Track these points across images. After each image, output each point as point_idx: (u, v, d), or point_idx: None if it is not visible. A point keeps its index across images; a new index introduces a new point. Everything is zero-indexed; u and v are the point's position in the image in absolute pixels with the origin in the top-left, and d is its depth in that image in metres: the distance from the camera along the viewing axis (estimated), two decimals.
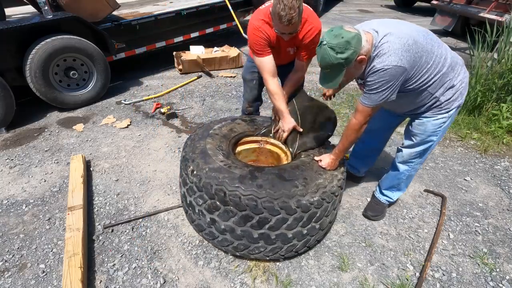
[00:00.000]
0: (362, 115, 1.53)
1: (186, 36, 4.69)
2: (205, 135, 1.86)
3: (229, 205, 1.50)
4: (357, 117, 1.55)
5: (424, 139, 1.72)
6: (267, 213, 1.47)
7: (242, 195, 1.46)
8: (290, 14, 1.55)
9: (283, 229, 1.53)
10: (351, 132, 1.61)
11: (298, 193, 1.50)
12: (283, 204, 1.47)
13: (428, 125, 1.68)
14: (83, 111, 3.46)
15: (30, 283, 1.67)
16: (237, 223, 1.54)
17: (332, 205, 1.66)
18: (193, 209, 1.69)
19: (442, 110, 1.63)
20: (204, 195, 1.57)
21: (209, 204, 1.57)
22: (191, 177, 1.62)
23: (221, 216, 1.56)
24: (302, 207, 1.50)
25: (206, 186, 1.54)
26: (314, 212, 1.55)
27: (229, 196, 1.48)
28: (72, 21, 3.25)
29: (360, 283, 1.68)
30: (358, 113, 1.54)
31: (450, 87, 1.56)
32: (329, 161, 1.68)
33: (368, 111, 1.51)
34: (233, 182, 1.50)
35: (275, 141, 2.03)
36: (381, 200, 2.09)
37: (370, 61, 1.43)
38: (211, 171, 1.57)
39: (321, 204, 1.55)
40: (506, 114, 2.99)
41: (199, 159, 1.65)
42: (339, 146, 1.66)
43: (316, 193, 1.54)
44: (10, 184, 2.37)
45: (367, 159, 2.26)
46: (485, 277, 1.72)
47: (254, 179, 1.51)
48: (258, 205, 1.46)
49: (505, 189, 2.39)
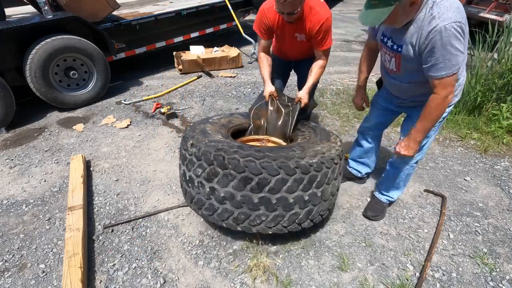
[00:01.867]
0: (441, 87, 1.37)
1: (186, 36, 4.69)
2: (204, 122, 1.94)
3: (227, 169, 1.51)
4: (437, 90, 1.39)
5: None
6: (266, 173, 1.47)
7: (241, 158, 1.48)
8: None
9: (284, 192, 1.52)
10: (433, 108, 1.44)
11: (296, 156, 1.52)
12: (281, 164, 1.48)
13: None
14: (83, 111, 3.46)
15: (30, 283, 1.67)
16: (236, 187, 1.53)
17: (333, 173, 1.65)
18: (192, 184, 1.68)
19: None
20: (203, 163, 1.58)
21: (208, 172, 1.57)
22: (190, 149, 1.64)
23: (220, 182, 1.55)
24: (301, 168, 1.50)
25: (205, 154, 1.56)
26: (314, 175, 1.55)
27: (228, 159, 1.50)
28: (72, 21, 3.25)
29: (360, 283, 1.68)
30: (436, 87, 1.39)
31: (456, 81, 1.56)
32: (406, 144, 1.57)
33: (450, 80, 1.35)
34: (231, 148, 1.54)
35: (276, 139, 2.06)
36: (381, 200, 2.10)
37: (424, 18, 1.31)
38: (211, 142, 1.62)
39: (320, 167, 1.55)
40: (506, 114, 2.98)
41: (199, 135, 1.71)
42: (419, 127, 1.51)
43: (315, 157, 1.56)
44: (10, 184, 2.37)
45: (367, 161, 2.26)
46: (485, 277, 1.72)
47: (252, 148, 1.57)
48: (257, 165, 1.47)
49: (505, 189, 2.38)
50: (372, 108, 2.05)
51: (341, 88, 4.11)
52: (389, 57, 1.57)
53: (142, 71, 4.55)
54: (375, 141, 2.15)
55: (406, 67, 1.51)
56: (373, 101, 2.04)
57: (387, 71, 1.69)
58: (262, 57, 2.16)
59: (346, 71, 4.75)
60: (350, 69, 4.84)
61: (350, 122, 3.28)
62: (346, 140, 3.00)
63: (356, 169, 2.33)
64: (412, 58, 1.44)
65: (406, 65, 1.51)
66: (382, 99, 1.94)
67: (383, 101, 1.94)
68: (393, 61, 1.56)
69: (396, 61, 1.54)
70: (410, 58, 1.45)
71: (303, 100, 2.02)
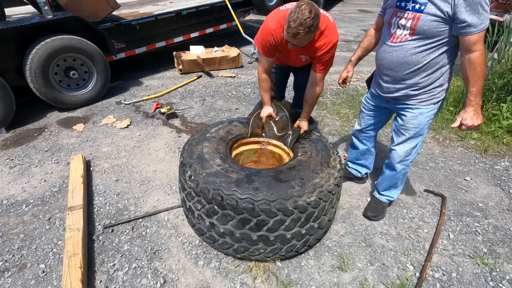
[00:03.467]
0: (479, 43, 1.38)
1: (186, 36, 4.69)
2: (202, 139, 1.87)
3: (226, 209, 1.50)
4: (477, 47, 1.39)
5: (417, 132, 1.73)
6: (265, 215, 1.47)
7: (239, 199, 1.47)
8: (297, 29, 1.50)
9: (282, 230, 1.54)
10: (479, 65, 1.42)
11: (295, 194, 1.50)
12: (280, 206, 1.47)
13: (421, 118, 1.69)
14: (83, 111, 3.46)
15: (30, 283, 1.67)
16: (235, 226, 1.54)
17: (330, 204, 1.66)
18: (192, 214, 1.70)
19: (433, 98, 1.64)
20: (202, 200, 1.57)
21: (207, 209, 1.57)
22: (189, 182, 1.63)
23: (220, 220, 1.56)
24: (299, 208, 1.50)
25: (204, 191, 1.54)
26: (311, 212, 1.55)
27: (226, 200, 1.48)
28: (72, 21, 3.25)
29: (360, 283, 1.68)
30: (476, 45, 1.39)
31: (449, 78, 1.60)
32: (472, 114, 1.51)
33: (482, 35, 1.38)
34: (230, 186, 1.50)
35: (276, 142, 2.04)
36: (381, 200, 2.10)
37: None
38: (208, 176, 1.57)
39: (318, 203, 1.55)
40: (506, 114, 2.98)
41: (196, 164, 1.66)
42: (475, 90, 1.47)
43: (313, 193, 1.53)
44: (10, 184, 2.37)
45: (364, 162, 2.27)
46: (485, 277, 1.72)
47: (251, 182, 1.52)
48: (255, 208, 1.46)
49: (505, 189, 2.38)
50: (361, 112, 2.06)
51: (341, 88, 4.11)
52: (405, 20, 1.51)
53: (142, 71, 4.55)
54: (370, 143, 2.15)
55: (423, 28, 1.46)
56: (362, 104, 2.04)
57: (392, 40, 1.62)
58: (264, 80, 2.01)
59: None
60: None
61: (350, 122, 3.28)
62: (346, 140, 3.00)
63: (355, 169, 2.34)
64: (434, 15, 1.40)
65: (423, 26, 1.45)
66: (370, 96, 1.95)
67: (371, 99, 1.94)
68: (408, 24, 1.50)
69: (413, 22, 1.48)
70: (432, 15, 1.41)
71: (303, 128, 1.98)
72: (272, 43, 1.80)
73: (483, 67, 1.44)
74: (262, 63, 1.96)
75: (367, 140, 2.13)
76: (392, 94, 1.74)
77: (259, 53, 1.96)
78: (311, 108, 2.02)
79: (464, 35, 1.39)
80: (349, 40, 6.35)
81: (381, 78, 1.77)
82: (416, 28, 1.48)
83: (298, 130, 1.99)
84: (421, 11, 1.44)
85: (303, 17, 1.47)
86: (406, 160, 1.86)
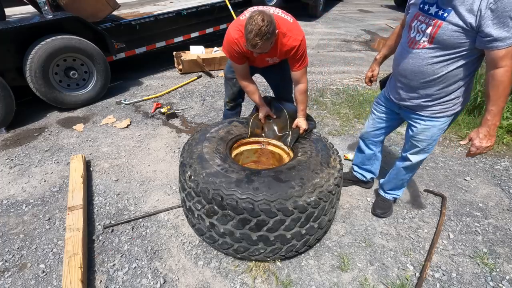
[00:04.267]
0: (507, 58, 1.26)
1: (186, 36, 4.69)
2: (202, 139, 1.86)
3: (226, 209, 1.50)
4: (503, 63, 1.28)
5: (430, 143, 1.70)
6: (265, 215, 1.47)
7: (239, 199, 1.47)
8: (255, 40, 1.54)
9: (282, 230, 1.54)
10: (503, 83, 1.31)
11: (295, 194, 1.49)
12: (280, 206, 1.47)
13: (434, 130, 1.64)
14: (83, 111, 3.46)
15: (30, 283, 1.67)
16: (235, 227, 1.54)
17: (330, 204, 1.66)
18: (192, 214, 1.70)
19: (448, 111, 1.57)
20: (202, 200, 1.57)
21: (207, 209, 1.57)
22: (189, 182, 1.63)
23: (220, 220, 1.56)
24: (299, 208, 1.50)
25: (204, 191, 1.54)
26: (311, 212, 1.55)
27: (226, 201, 1.48)
28: (72, 21, 3.25)
29: (360, 283, 1.68)
30: (502, 60, 1.27)
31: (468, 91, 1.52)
32: (484, 135, 1.40)
33: (510, 50, 1.25)
34: (230, 186, 1.50)
35: (276, 142, 2.03)
36: (387, 198, 2.11)
37: None
38: (208, 176, 1.57)
39: (318, 203, 1.55)
40: (506, 114, 2.99)
41: (196, 164, 1.66)
42: (494, 109, 1.36)
43: (313, 193, 1.53)
44: (10, 184, 2.37)
45: (370, 168, 2.23)
46: (485, 277, 1.72)
47: (251, 183, 1.52)
48: (255, 208, 1.46)
49: (505, 189, 2.38)
50: (371, 114, 2.01)
51: (341, 88, 4.11)
52: (425, 26, 1.42)
53: (142, 71, 4.55)
54: (377, 148, 2.11)
55: (443, 38, 1.37)
56: (372, 106, 1.99)
57: (410, 45, 1.53)
58: (246, 85, 2.05)
59: (346, 71, 4.75)
60: (350, 69, 4.84)
61: (350, 122, 3.28)
62: (345, 140, 3.00)
63: (361, 173, 2.30)
64: (457, 25, 1.31)
65: (443, 35, 1.36)
66: (382, 98, 1.90)
67: (383, 101, 1.89)
68: (428, 31, 1.41)
69: (433, 30, 1.38)
70: (455, 24, 1.31)
71: (301, 127, 1.97)
72: (238, 51, 1.83)
73: (508, 85, 1.31)
74: (237, 71, 2.01)
75: (373, 145, 2.09)
76: (404, 102, 1.68)
77: (231, 62, 1.97)
78: (304, 106, 2.01)
79: (490, 49, 1.28)
80: (349, 40, 6.35)
81: (395, 83, 1.70)
82: (436, 36, 1.38)
83: (297, 129, 1.99)
84: (443, 19, 1.34)
85: (257, 27, 1.51)
86: (417, 165, 1.85)
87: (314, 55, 5.40)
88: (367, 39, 6.51)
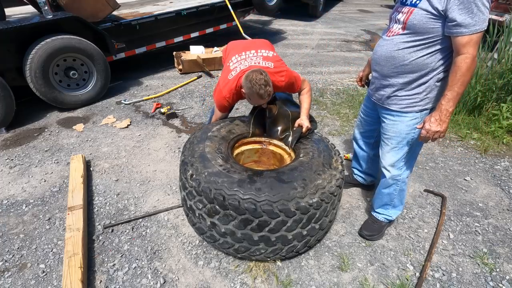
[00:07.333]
0: (470, 46, 1.29)
1: (186, 36, 4.69)
2: (204, 138, 1.85)
3: (228, 209, 1.50)
4: (465, 50, 1.30)
5: (400, 141, 1.65)
6: (267, 216, 1.47)
7: (241, 199, 1.46)
8: (267, 90, 1.71)
9: (283, 231, 1.53)
10: (461, 70, 1.32)
11: (297, 195, 1.49)
12: (282, 207, 1.46)
13: (401, 126, 1.60)
14: (83, 111, 3.46)
15: (30, 283, 1.67)
16: (237, 227, 1.54)
17: (332, 205, 1.66)
18: (193, 213, 1.69)
19: (415, 106, 1.54)
20: (204, 199, 1.57)
21: (208, 208, 1.57)
22: (190, 181, 1.62)
23: (221, 220, 1.56)
24: (301, 209, 1.50)
25: (205, 190, 1.53)
26: (313, 213, 1.55)
27: (228, 200, 1.48)
28: (72, 21, 3.25)
29: (360, 283, 1.68)
30: (464, 47, 1.30)
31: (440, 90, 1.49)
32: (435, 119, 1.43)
33: (474, 38, 1.28)
34: (232, 186, 1.50)
35: (278, 142, 2.03)
36: (379, 218, 1.95)
37: None
38: (210, 175, 1.56)
39: (320, 205, 1.55)
40: (506, 114, 2.99)
41: (198, 163, 1.65)
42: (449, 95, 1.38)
43: (315, 194, 1.53)
44: (10, 184, 2.37)
45: (368, 170, 2.21)
46: (485, 277, 1.72)
47: (253, 183, 1.51)
48: (257, 208, 1.45)
49: (505, 189, 2.39)
50: (358, 115, 2.02)
51: (341, 88, 4.11)
52: (401, 15, 1.47)
53: (142, 71, 4.55)
54: (370, 149, 2.07)
55: (413, 22, 1.41)
56: (360, 108, 1.99)
57: (387, 34, 1.58)
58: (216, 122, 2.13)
59: (346, 71, 4.75)
60: (350, 69, 4.84)
61: (350, 122, 3.28)
62: (346, 140, 3.00)
63: (360, 176, 2.28)
64: (426, 11, 1.35)
65: (413, 20, 1.40)
66: (366, 98, 1.89)
67: (367, 100, 1.89)
68: (402, 18, 1.46)
69: (406, 16, 1.43)
70: (425, 10, 1.35)
71: (304, 125, 1.94)
72: (228, 104, 1.99)
73: (467, 73, 1.33)
74: (216, 115, 2.11)
75: (366, 146, 2.07)
76: (377, 94, 1.69)
77: (215, 108, 2.10)
78: (307, 105, 2.03)
79: (454, 35, 1.31)
80: (349, 40, 6.35)
81: (372, 74, 1.73)
82: (407, 22, 1.42)
83: (299, 130, 1.98)
84: (415, 5, 1.39)
85: (260, 81, 1.68)
86: (397, 176, 1.75)
87: (314, 55, 5.40)
88: (367, 39, 6.51)
